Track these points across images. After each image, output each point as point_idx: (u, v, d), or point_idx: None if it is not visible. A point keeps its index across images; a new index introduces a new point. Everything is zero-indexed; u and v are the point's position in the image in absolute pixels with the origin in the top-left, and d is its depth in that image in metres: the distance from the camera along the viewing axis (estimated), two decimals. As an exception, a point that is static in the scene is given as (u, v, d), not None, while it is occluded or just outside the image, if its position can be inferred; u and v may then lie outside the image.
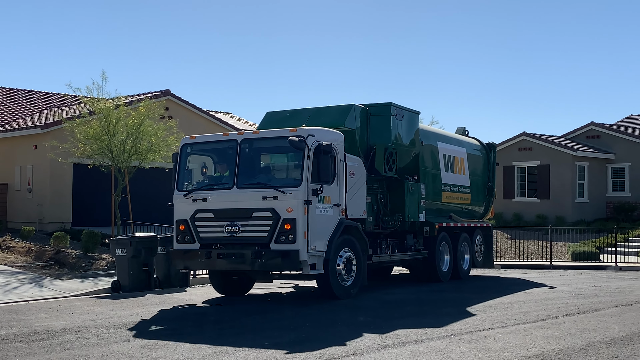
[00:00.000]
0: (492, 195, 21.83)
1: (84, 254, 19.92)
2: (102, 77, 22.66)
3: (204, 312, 12.92)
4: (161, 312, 12.85)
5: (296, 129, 13.50)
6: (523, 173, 35.60)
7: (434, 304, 13.81)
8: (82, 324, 11.28)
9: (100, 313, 12.54)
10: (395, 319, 11.61)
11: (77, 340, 9.89)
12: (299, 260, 12.83)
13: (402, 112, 16.85)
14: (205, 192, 13.84)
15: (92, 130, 21.24)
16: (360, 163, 14.98)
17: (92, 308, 13.22)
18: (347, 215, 14.26)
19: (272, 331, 10.49)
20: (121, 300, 14.46)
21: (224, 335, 10.27)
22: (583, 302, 13.71)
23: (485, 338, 9.68)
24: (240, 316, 12.27)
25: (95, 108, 22.01)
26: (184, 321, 11.86)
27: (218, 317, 12.38)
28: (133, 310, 12.99)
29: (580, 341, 9.46)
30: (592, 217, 34.37)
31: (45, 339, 9.93)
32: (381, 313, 12.52)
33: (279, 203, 12.96)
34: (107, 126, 21.17)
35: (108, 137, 21.12)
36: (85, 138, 21.54)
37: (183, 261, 13.92)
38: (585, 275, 20.93)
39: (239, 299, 14.64)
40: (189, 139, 14.65)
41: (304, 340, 9.71)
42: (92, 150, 21.59)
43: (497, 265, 23.96)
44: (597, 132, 36.57)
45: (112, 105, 21.89)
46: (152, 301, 14.28)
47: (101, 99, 22.14)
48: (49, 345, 9.54)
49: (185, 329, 10.94)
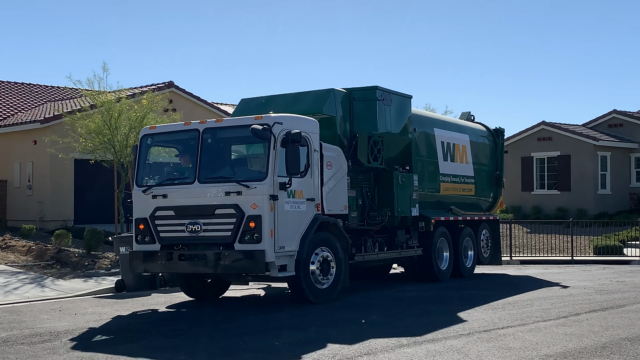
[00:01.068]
0: (500, 185, 20.47)
1: (87, 253, 19.69)
2: (103, 69, 22.34)
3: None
4: (166, 312, 12.58)
5: (261, 117, 12.32)
6: (542, 164, 34.86)
7: (443, 302, 13.38)
8: (85, 325, 11.09)
9: (104, 314, 12.36)
10: (407, 317, 11.27)
11: (81, 342, 9.70)
12: (264, 261, 11.65)
13: (390, 96, 15.46)
14: (166, 188, 12.70)
15: (94, 124, 21.00)
16: (340, 153, 13.81)
17: (95, 308, 13.01)
18: (324, 210, 13.07)
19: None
20: (125, 300, 14.22)
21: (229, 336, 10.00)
22: (606, 298, 13.37)
23: (504, 336, 9.47)
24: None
25: (97, 101, 21.75)
26: (192, 321, 11.57)
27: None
28: (138, 310, 12.75)
29: (603, 339, 9.20)
30: (615, 209, 33.61)
31: (47, 341, 9.74)
32: (392, 311, 12.13)
33: (243, 198, 11.83)
34: (109, 120, 20.91)
35: (110, 131, 20.85)
36: (86, 132, 21.32)
37: (143, 264, 12.75)
38: (608, 270, 20.51)
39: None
40: (148, 129, 13.53)
41: (310, 342, 9.36)
42: (94, 145, 21.36)
43: (515, 260, 23.55)
44: (619, 120, 35.80)
45: (114, 98, 21.64)
46: (158, 301, 14.03)
47: (102, 91, 21.91)
48: (52, 347, 9.36)
49: (192, 330, 10.68)
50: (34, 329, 10.68)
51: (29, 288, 15.72)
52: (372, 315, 11.64)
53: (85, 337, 10.14)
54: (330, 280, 12.97)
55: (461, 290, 15.28)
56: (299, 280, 12.42)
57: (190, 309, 12.99)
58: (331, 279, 12.99)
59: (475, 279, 17.67)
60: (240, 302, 14.01)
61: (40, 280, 16.70)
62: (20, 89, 33.45)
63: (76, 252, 19.64)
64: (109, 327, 11.08)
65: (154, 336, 10.12)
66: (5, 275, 17.15)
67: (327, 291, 12.92)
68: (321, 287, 12.81)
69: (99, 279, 17.15)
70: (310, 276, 12.58)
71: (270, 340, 9.45)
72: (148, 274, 15.24)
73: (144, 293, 15.26)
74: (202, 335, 10.14)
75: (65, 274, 17.72)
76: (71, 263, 18.70)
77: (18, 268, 18.30)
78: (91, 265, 18.58)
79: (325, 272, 12.86)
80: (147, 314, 12.39)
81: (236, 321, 11.23)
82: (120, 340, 9.95)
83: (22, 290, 15.46)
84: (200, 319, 11.76)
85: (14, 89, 33.20)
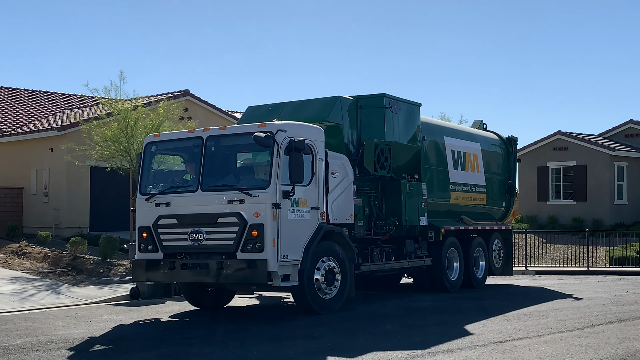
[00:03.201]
0: (513, 194, 20.17)
1: (102, 260, 19.70)
2: (120, 78, 22.40)
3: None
4: (180, 320, 12.55)
5: (265, 124, 12.19)
6: (558, 174, 34.61)
7: (457, 312, 13.29)
8: (100, 332, 11.09)
9: (119, 321, 12.38)
10: (422, 327, 11.21)
11: (96, 349, 9.72)
12: (267, 271, 11.46)
13: (398, 104, 15.22)
14: (169, 196, 12.56)
15: (110, 132, 21.04)
16: (346, 161, 13.62)
17: (110, 316, 13.01)
18: (330, 219, 12.90)
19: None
20: (140, 307, 14.19)
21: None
22: (623, 310, 13.22)
23: (519, 348, 9.39)
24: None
25: (113, 109, 21.81)
26: (206, 329, 11.57)
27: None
28: (153, 318, 12.74)
29: (620, 351, 9.13)
30: (632, 220, 33.34)
31: (62, 348, 9.74)
32: (407, 321, 12.05)
33: (245, 207, 11.67)
34: (125, 128, 20.95)
35: (126, 139, 20.89)
36: (102, 140, 21.35)
37: (145, 273, 12.59)
38: (624, 281, 20.32)
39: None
40: (152, 137, 13.44)
41: (324, 351, 9.30)
42: (110, 153, 21.38)
43: (530, 270, 23.35)
44: (636, 130, 35.65)
45: (131, 106, 21.68)
46: (172, 309, 13.98)
47: (119, 100, 21.95)
48: (67, 354, 9.35)
49: (211, 337, 10.69)
50: (49, 336, 10.69)
51: (44, 295, 15.74)
52: (386, 324, 11.58)
53: (100, 344, 10.14)
54: (335, 291, 12.76)
55: (475, 300, 15.15)
56: (302, 291, 12.21)
57: (204, 317, 12.95)
58: (336, 289, 12.78)
59: (487, 290, 17.47)
60: (254, 311, 14.01)
61: (56, 287, 16.71)
62: (37, 96, 33.62)
63: (91, 259, 19.65)
64: (123, 334, 11.07)
65: (168, 344, 10.10)
66: (21, 282, 17.20)
67: (331, 302, 12.71)
68: (325, 298, 12.61)
69: (114, 286, 17.14)
70: (314, 286, 12.37)
71: (284, 350, 9.42)
72: (163, 283, 15.24)
73: (158, 301, 15.23)
74: (216, 343, 10.12)
75: (81, 281, 17.74)
76: (86, 270, 18.72)
77: (34, 275, 18.35)
78: (106, 273, 18.59)
79: (330, 282, 12.66)
80: (162, 321, 12.37)
81: (250, 330, 11.20)
82: (135, 348, 9.96)
83: (37, 297, 15.48)
84: (215, 327, 11.73)
85: (31, 97, 33.37)
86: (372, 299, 15.25)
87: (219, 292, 13.94)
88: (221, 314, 13.27)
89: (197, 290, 13.73)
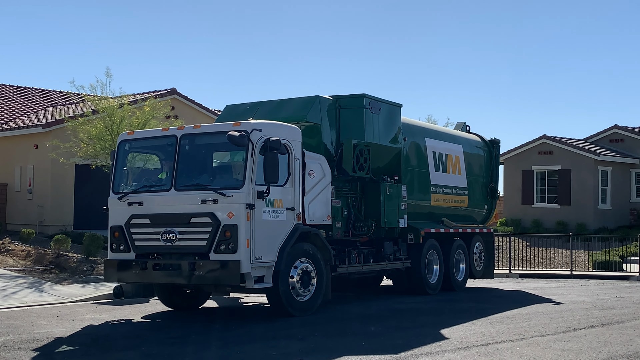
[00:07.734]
0: (495, 197, 20.10)
1: (86, 258, 19.60)
2: (106, 75, 22.54)
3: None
4: (164, 320, 12.51)
5: (240, 123, 12.01)
6: (543, 178, 34.76)
7: (439, 315, 13.31)
8: (83, 331, 11.05)
9: (102, 320, 12.32)
10: (405, 329, 11.21)
11: (78, 348, 9.69)
12: (239, 272, 11.27)
13: (378, 104, 15.08)
14: (142, 195, 12.36)
15: (95, 130, 21.01)
16: (324, 162, 13.44)
17: (93, 315, 12.95)
18: (306, 220, 12.74)
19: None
20: (123, 306, 14.14)
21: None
22: (605, 314, 13.26)
23: (501, 351, 9.41)
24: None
25: (99, 107, 21.78)
26: (189, 329, 11.55)
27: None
28: (136, 317, 12.68)
29: (601, 355, 9.16)
30: (615, 224, 33.56)
31: (44, 347, 9.70)
32: (390, 323, 12.06)
33: (219, 207, 11.50)
34: (111, 125, 20.93)
35: (112, 136, 20.86)
36: (88, 138, 21.34)
37: (117, 273, 12.39)
38: (607, 285, 20.36)
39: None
40: (126, 134, 13.18)
41: (309, 352, 9.27)
42: (95, 151, 21.36)
43: (514, 273, 23.42)
44: (621, 135, 35.82)
45: (116, 104, 21.65)
46: (156, 308, 13.92)
47: (105, 97, 21.93)
48: (49, 353, 9.34)
49: (191, 337, 10.63)
50: (31, 334, 10.64)
51: (27, 293, 15.65)
52: (370, 326, 11.57)
53: (82, 343, 10.12)
54: (310, 293, 12.62)
55: (458, 303, 15.17)
56: (277, 292, 12.05)
57: (186, 317, 12.91)
58: (312, 291, 12.64)
59: (469, 292, 17.46)
60: (236, 311, 13.98)
61: (39, 285, 16.62)
62: (22, 93, 33.45)
63: (75, 257, 19.57)
64: (106, 333, 11.03)
65: (151, 344, 10.07)
66: (4, 280, 17.08)
67: (306, 304, 12.55)
68: (301, 300, 12.47)
69: (98, 284, 17.04)
70: (289, 288, 12.22)
71: (268, 350, 9.41)
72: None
73: (142, 300, 15.16)
74: (199, 343, 10.10)
75: (64, 279, 17.64)
76: (70, 268, 18.62)
77: (17, 272, 18.22)
78: (90, 271, 18.50)
79: (305, 284, 12.52)
80: (145, 321, 12.32)
81: (233, 330, 11.17)
82: (118, 347, 9.92)
83: (20, 294, 15.39)
84: (197, 327, 11.69)
85: (16, 93, 33.19)
86: (354, 301, 15.22)
87: (194, 293, 13.80)
88: (201, 314, 13.23)
89: (170, 291, 13.58)
